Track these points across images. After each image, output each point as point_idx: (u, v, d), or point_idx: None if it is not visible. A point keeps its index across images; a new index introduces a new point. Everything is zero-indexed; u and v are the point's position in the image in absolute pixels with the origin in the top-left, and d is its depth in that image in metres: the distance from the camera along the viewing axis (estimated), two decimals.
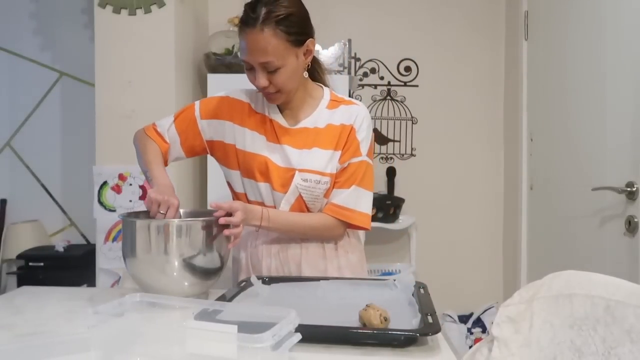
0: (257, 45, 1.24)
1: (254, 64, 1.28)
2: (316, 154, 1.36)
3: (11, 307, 1.22)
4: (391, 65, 3.04)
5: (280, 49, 1.25)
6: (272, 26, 1.23)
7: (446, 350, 0.94)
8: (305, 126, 1.39)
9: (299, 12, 1.29)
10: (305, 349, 0.89)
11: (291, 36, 1.26)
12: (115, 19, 2.41)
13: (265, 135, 1.39)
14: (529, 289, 0.80)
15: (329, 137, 1.37)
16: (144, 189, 2.45)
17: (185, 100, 2.60)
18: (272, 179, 1.36)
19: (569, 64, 2.23)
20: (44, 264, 2.71)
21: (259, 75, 1.28)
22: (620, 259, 1.81)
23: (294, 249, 1.40)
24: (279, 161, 1.37)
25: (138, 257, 1.21)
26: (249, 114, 1.42)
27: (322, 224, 1.37)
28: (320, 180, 1.35)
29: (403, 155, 3.04)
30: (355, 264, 1.45)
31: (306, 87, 1.40)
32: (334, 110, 1.40)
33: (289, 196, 1.36)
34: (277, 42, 1.24)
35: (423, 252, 2.97)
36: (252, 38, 1.25)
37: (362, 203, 1.38)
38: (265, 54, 1.25)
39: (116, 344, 0.83)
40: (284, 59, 1.27)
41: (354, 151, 1.37)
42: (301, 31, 1.29)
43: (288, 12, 1.25)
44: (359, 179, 1.37)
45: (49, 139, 3.05)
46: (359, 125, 1.38)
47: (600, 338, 0.71)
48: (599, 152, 1.96)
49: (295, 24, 1.27)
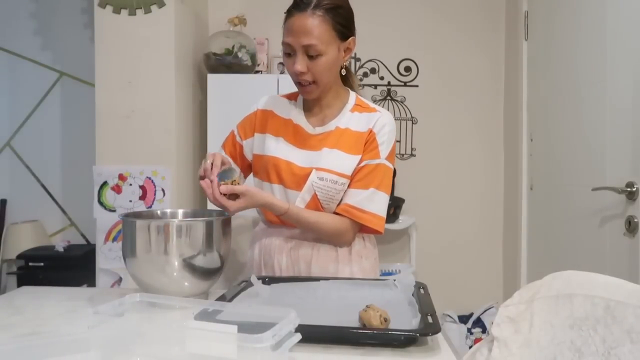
0: (304, 27, 1.27)
1: (297, 47, 1.29)
2: (336, 155, 1.36)
3: (11, 307, 1.22)
4: (391, 65, 3.04)
5: (325, 36, 1.28)
6: (322, 12, 1.28)
7: (446, 350, 0.93)
8: (329, 130, 1.39)
9: (347, 7, 1.34)
10: (305, 349, 0.89)
11: (338, 26, 1.30)
12: (115, 19, 2.41)
13: (286, 138, 1.40)
14: (529, 289, 0.80)
15: (351, 141, 1.37)
16: (144, 189, 2.45)
17: (185, 100, 2.60)
18: (284, 179, 1.37)
19: (569, 64, 2.23)
20: (44, 264, 2.72)
21: (299, 59, 1.30)
22: (620, 259, 1.81)
23: (305, 249, 1.39)
24: (298, 161, 1.37)
25: (138, 257, 1.20)
26: (272, 120, 1.44)
27: (336, 229, 1.36)
28: (337, 181, 1.35)
29: (403, 155, 3.05)
30: (368, 270, 1.43)
31: (338, 88, 1.42)
32: (359, 115, 1.40)
33: (304, 194, 1.35)
34: (324, 28, 1.28)
35: (423, 252, 2.97)
36: (301, 20, 1.28)
37: (378, 206, 1.38)
38: (311, 36, 1.27)
39: (116, 344, 0.83)
40: (327, 47, 1.29)
41: (372, 153, 1.37)
42: (347, 25, 1.33)
43: (338, 4, 1.30)
44: (377, 182, 1.36)
45: (49, 139, 3.06)
46: (379, 129, 1.37)
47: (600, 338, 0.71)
48: (599, 152, 1.96)
49: (342, 16, 1.31)
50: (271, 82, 2.57)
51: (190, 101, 2.68)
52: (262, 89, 2.58)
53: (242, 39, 2.67)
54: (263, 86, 2.58)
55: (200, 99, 2.82)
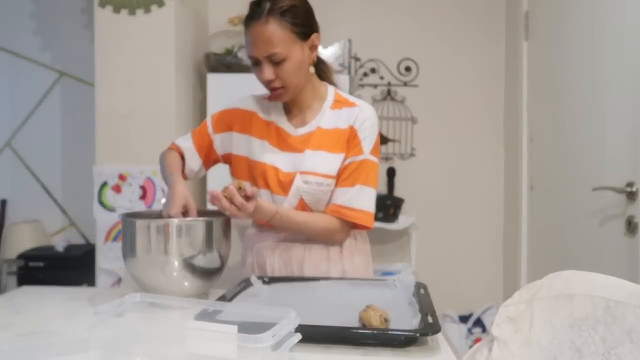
0: (263, 37, 1.26)
1: (260, 57, 1.29)
2: (320, 156, 1.35)
3: (11, 307, 1.22)
4: (391, 65, 3.04)
5: (285, 40, 1.27)
6: (277, 17, 1.26)
7: (446, 350, 0.93)
8: (310, 130, 1.38)
9: (303, 5, 1.32)
10: (305, 349, 0.89)
11: (296, 27, 1.28)
12: (115, 19, 2.41)
13: (270, 142, 1.39)
14: (529, 289, 0.80)
15: (334, 140, 1.36)
16: (144, 189, 2.45)
17: (185, 100, 2.60)
18: (270, 185, 1.36)
19: (569, 64, 2.23)
20: (44, 264, 2.72)
21: (265, 68, 1.29)
22: (620, 259, 1.81)
23: (297, 249, 1.39)
24: (283, 166, 1.36)
25: (138, 257, 1.20)
26: (255, 122, 1.43)
27: (327, 228, 1.35)
28: (323, 183, 1.34)
29: (403, 155, 3.05)
30: (359, 267, 1.42)
31: (313, 86, 1.40)
32: (339, 112, 1.39)
33: (290, 199, 1.35)
34: (282, 32, 1.26)
35: (423, 252, 2.97)
36: (258, 30, 1.26)
37: (365, 201, 1.36)
38: (271, 45, 1.26)
39: (116, 344, 0.83)
40: (290, 50, 1.28)
41: (356, 149, 1.36)
42: (306, 24, 1.31)
43: (292, 4, 1.28)
44: (363, 178, 1.35)
45: (49, 139, 3.06)
46: (360, 125, 1.36)
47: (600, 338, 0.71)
48: (599, 152, 1.96)
49: (299, 16, 1.29)
50: None
51: (190, 101, 2.68)
52: (262, 89, 2.58)
53: (242, 38, 2.67)
54: (263, 86, 2.56)
55: (200, 99, 2.82)
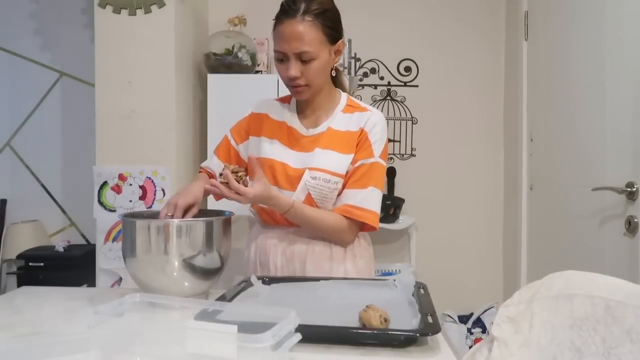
0: (296, 34, 1.28)
1: (290, 53, 1.30)
2: (329, 154, 1.38)
3: (11, 307, 1.22)
4: (391, 65, 3.04)
5: (317, 41, 1.30)
6: (311, 17, 1.29)
7: (446, 350, 0.93)
8: (321, 131, 1.41)
9: (334, 10, 1.36)
10: (305, 349, 0.89)
11: (327, 30, 1.32)
12: (115, 19, 2.41)
13: (281, 141, 1.42)
14: (529, 289, 0.80)
15: (344, 141, 1.39)
16: (144, 189, 2.45)
17: (186, 101, 2.60)
18: (279, 180, 1.38)
19: (569, 64, 2.23)
20: (44, 264, 2.71)
21: (292, 65, 1.31)
22: (620, 259, 1.81)
23: (300, 246, 1.40)
24: (292, 163, 1.39)
25: (138, 257, 1.21)
26: (267, 123, 1.46)
27: (337, 226, 1.37)
28: (330, 180, 1.36)
29: (403, 156, 3.05)
30: (362, 269, 1.44)
31: (329, 90, 1.44)
32: (350, 115, 1.42)
33: (298, 194, 1.36)
34: (315, 33, 1.29)
35: (423, 252, 2.97)
36: (292, 27, 1.29)
37: (374, 203, 1.39)
38: (303, 43, 1.29)
39: (116, 344, 0.83)
40: (319, 51, 1.31)
41: (366, 152, 1.38)
42: (335, 28, 1.35)
43: (325, 8, 1.32)
44: (375, 180, 1.38)
45: (49, 139, 3.05)
46: (371, 128, 1.39)
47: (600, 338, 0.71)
48: (599, 153, 1.96)
49: (331, 20, 1.33)
50: (271, 82, 2.57)
51: (190, 101, 2.68)
52: (262, 89, 2.60)
53: (242, 39, 2.67)
54: (263, 86, 2.57)
55: (200, 99, 2.82)
